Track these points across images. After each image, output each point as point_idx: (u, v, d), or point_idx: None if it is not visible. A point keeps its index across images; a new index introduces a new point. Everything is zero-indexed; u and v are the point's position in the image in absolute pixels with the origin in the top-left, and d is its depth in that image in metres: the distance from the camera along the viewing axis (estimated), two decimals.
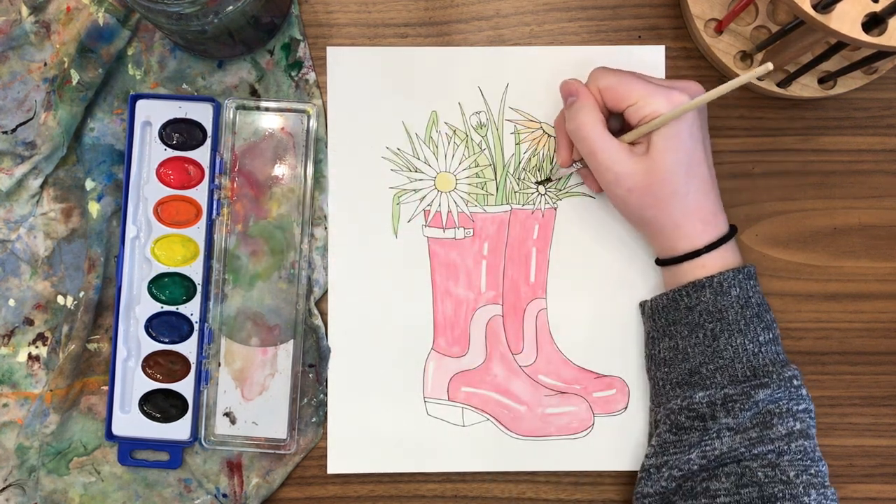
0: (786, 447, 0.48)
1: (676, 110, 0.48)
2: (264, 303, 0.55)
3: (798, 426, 0.48)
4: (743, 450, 0.49)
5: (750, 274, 0.50)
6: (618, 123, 0.53)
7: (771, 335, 0.50)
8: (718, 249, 0.50)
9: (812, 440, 0.49)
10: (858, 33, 0.44)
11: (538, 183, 0.56)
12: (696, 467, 0.50)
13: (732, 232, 0.51)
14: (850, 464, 0.56)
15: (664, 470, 0.50)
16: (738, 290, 0.50)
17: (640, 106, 0.49)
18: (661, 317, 0.53)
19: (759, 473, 0.48)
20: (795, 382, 0.49)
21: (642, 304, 0.55)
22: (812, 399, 0.50)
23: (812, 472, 0.48)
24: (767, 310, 0.51)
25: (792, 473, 0.48)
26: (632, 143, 0.50)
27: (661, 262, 0.53)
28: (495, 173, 0.56)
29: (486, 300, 0.56)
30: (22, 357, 0.55)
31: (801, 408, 0.49)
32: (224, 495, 0.55)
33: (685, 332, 0.51)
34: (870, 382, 0.56)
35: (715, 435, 0.49)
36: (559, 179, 0.56)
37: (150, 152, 0.54)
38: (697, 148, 0.49)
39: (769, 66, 0.43)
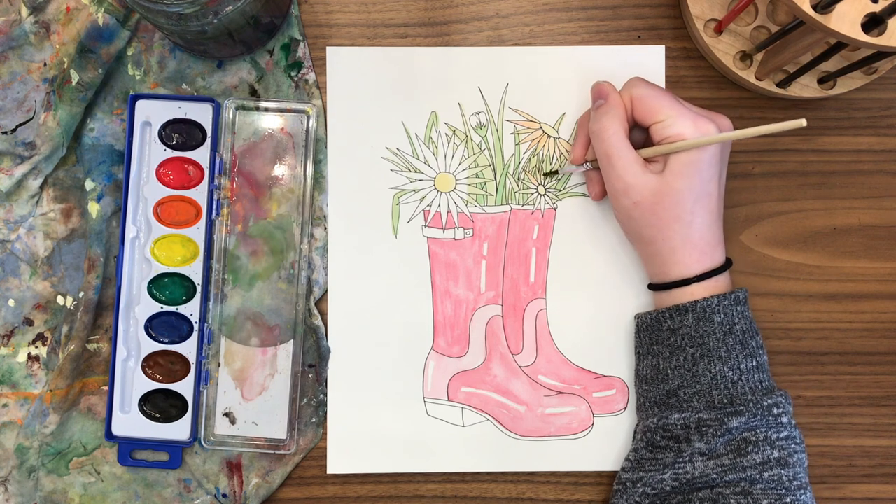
0: (759, 476, 0.47)
1: (700, 140, 0.47)
2: (264, 303, 0.55)
3: (776, 454, 0.47)
4: (715, 476, 0.48)
5: (737, 300, 0.50)
6: (641, 137, 0.53)
7: (755, 362, 0.49)
8: (709, 280, 0.50)
9: (792, 468, 0.47)
10: (858, 34, 0.44)
11: (545, 174, 0.55)
12: (668, 488, 0.49)
13: (727, 265, 0.51)
14: (849, 464, 0.56)
15: (639, 486, 0.50)
16: (721, 316, 0.49)
17: (666, 125, 0.48)
18: (645, 335, 0.53)
19: (732, 501, 0.47)
20: (775, 411, 0.48)
21: (635, 318, 0.55)
22: (797, 426, 0.49)
23: (787, 501, 0.47)
24: (754, 335, 0.50)
25: (765, 502, 0.46)
26: (648, 160, 0.50)
27: (652, 287, 0.52)
28: (495, 173, 0.56)
29: (486, 300, 0.56)
30: (22, 357, 0.55)
31: (781, 436, 0.48)
32: (224, 495, 0.55)
33: (667, 354, 0.51)
34: (869, 382, 0.56)
35: (688, 458, 0.49)
36: (565, 176, 0.56)
37: (149, 152, 0.54)
38: (712, 181, 0.49)
39: (803, 122, 0.43)
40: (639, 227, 0.50)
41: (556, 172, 0.56)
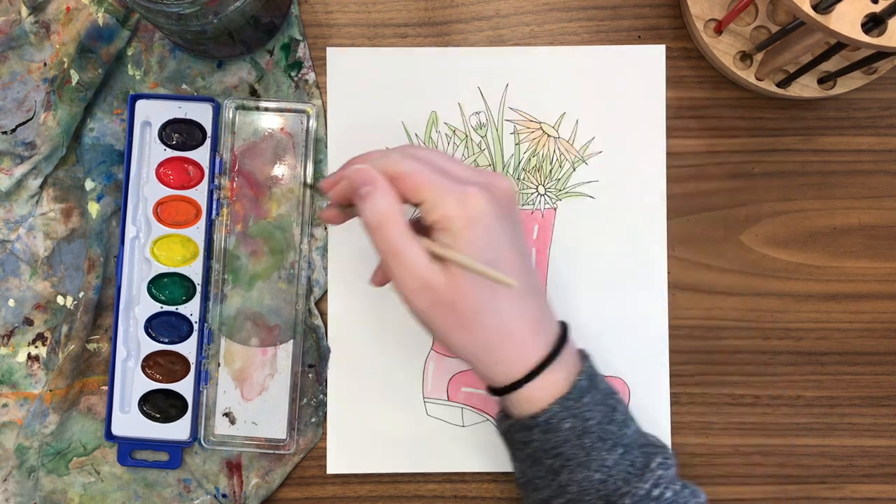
0: None
1: (455, 257, 0.41)
2: (264, 303, 0.55)
3: None
4: None
5: (582, 389, 0.44)
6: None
7: (620, 449, 0.44)
8: (543, 375, 0.43)
9: None
10: (858, 34, 0.44)
11: (308, 185, 0.52)
12: None
13: (563, 339, 0.45)
14: (849, 464, 0.56)
15: None
16: (570, 421, 0.43)
17: (429, 207, 0.41)
18: (503, 440, 0.48)
19: None
20: (655, 493, 0.43)
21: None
22: (685, 484, 0.45)
23: None
24: (612, 413, 0.45)
25: None
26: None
27: (490, 391, 0.46)
28: None
29: None
30: (21, 357, 0.55)
31: None
32: (224, 495, 0.55)
33: (529, 463, 0.46)
34: (869, 382, 0.56)
35: None
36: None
37: (149, 152, 0.54)
38: (501, 253, 0.42)
39: (514, 283, 0.40)
40: (444, 330, 0.43)
41: (315, 188, 0.51)
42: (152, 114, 0.54)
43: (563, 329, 0.46)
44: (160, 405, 0.54)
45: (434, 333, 0.44)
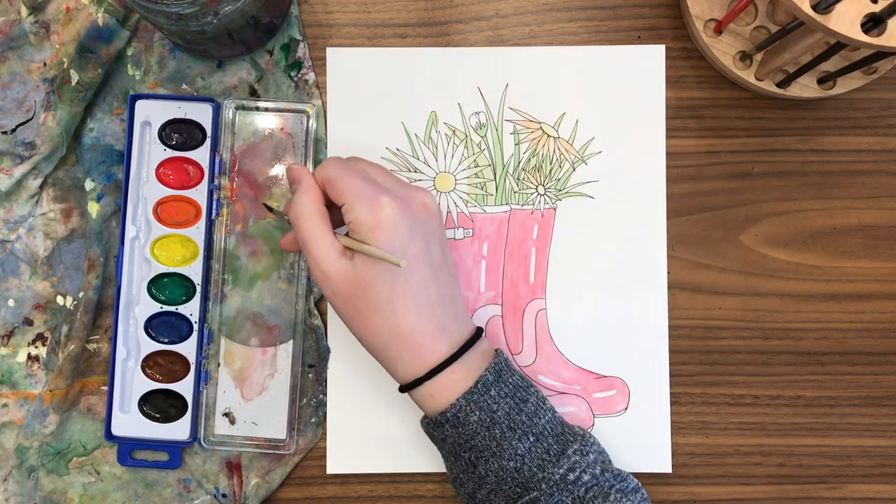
0: None
1: (358, 245, 0.45)
2: (264, 303, 0.55)
3: None
4: None
5: (487, 383, 0.46)
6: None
7: (531, 437, 0.46)
8: (445, 373, 0.46)
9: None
10: (858, 34, 0.44)
11: (265, 205, 0.53)
12: None
13: (466, 346, 0.47)
14: (849, 464, 0.56)
15: None
16: (477, 414, 0.46)
17: (346, 209, 0.45)
18: (428, 436, 0.50)
19: None
20: (570, 476, 0.45)
21: None
22: (605, 468, 0.46)
23: None
24: (523, 403, 0.46)
25: None
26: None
27: (399, 388, 0.49)
28: (495, 173, 0.56)
29: (486, 300, 0.56)
30: (21, 357, 0.55)
31: (582, 494, 0.45)
32: (223, 495, 0.55)
33: (451, 459, 0.48)
34: (869, 382, 0.56)
35: None
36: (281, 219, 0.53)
37: (149, 152, 0.54)
38: (413, 265, 0.45)
39: (402, 262, 0.43)
40: (346, 320, 0.47)
41: (272, 210, 0.53)
42: (152, 114, 0.54)
43: (477, 333, 0.48)
44: (160, 405, 0.54)
45: (342, 320, 0.48)
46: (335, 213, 0.48)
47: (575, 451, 0.47)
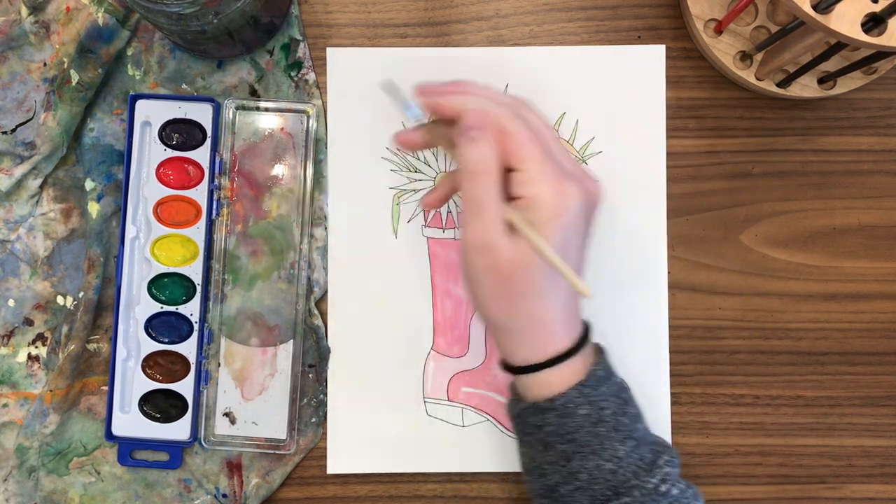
0: None
1: (538, 243, 0.42)
2: (264, 303, 0.55)
3: None
4: None
5: (599, 379, 0.45)
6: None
7: (632, 441, 0.45)
8: (564, 364, 0.45)
9: None
10: (858, 34, 0.44)
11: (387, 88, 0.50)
12: None
13: (584, 338, 0.46)
14: (849, 464, 0.56)
15: None
16: (586, 408, 0.44)
17: (523, 179, 0.42)
18: (514, 423, 0.48)
19: None
20: (662, 488, 0.44)
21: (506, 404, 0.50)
22: (690, 483, 0.46)
23: None
24: (625, 406, 0.46)
25: None
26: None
27: (503, 367, 0.47)
28: None
29: None
30: (22, 357, 0.55)
31: None
32: (224, 495, 0.55)
33: (540, 448, 0.46)
34: (869, 382, 0.56)
35: None
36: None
37: (149, 152, 0.54)
38: (570, 252, 0.43)
39: (588, 292, 0.42)
40: (485, 296, 0.44)
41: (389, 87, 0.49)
42: (152, 114, 0.54)
43: (587, 327, 0.47)
44: (160, 405, 0.54)
45: (474, 296, 0.45)
46: None
47: (665, 462, 0.45)
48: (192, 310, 0.54)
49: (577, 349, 0.45)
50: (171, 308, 0.54)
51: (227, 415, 0.55)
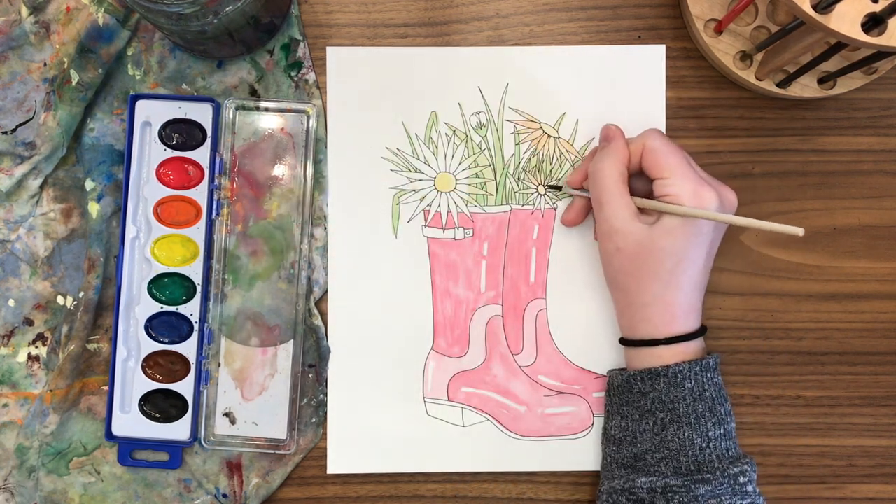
0: None
1: (695, 211, 0.47)
2: (264, 303, 0.55)
3: None
4: None
5: (708, 366, 0.49)
6: (645, 187, 0.52)
7: (722, 430, 0.49)
8: (678, 345, 0.49)
9: None
10: (858, 34, 0.44)
11: (549, 186, 0.55)
12: None
13: (700, 332, 0.51)
14: (849, 464, 0.56)
15: None
16: (692, 382, 0.49)
17: (667, 183, 0.48)
18: (616, 394, 0.52)
19: None
20: (741, 479, 0.47)
21: (608, 374, 0.54)
22: (761, 494, 0.48)
23: None
24: (723, 402, 0.50)
25: None
26: (643, 210, 0.50)
27: (623, 342, 0.53)
28: (495, 173, 0.56)
29: (486, 300, 0.56)
30: (22, 357, 0.55)
31: (745, 503, 0.47)
32: (224, 495, 0.55)
33: (637, 416, 0.50)
34: (869, 382, 0.56)
35: None
36: (564, 195, 0.56)
37: (149, 152, 0.54)
38: (699, 249, 0.49)
39: (800, 231, 0.45)
40: (616, 274, 0.51)
41: (559, 188, 0.55)
42: (152, 114, 0.54)
43: (704, 327, 0.52)
44: (160, 405, 0.54)
45: (608, 272, 0.52)
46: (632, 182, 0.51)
47: (747, 463, 0.48)
48: (192, 310, 0.54)
49: (694, 336, 0.50)
50: (172, 308, 0.54)
51: (227, 415, 0.55)
